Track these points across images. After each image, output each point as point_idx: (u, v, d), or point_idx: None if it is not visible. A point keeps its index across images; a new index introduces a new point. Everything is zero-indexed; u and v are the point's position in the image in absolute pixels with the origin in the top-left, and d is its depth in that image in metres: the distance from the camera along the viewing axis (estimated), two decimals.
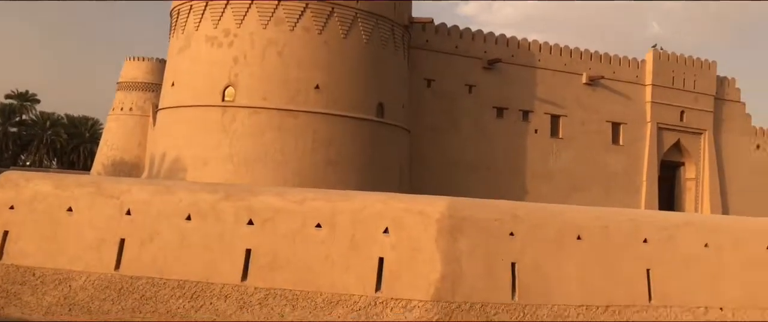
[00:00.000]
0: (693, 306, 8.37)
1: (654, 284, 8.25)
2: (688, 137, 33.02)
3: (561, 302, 7.82)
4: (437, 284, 7.35)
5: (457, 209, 7.64)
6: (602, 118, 30.68)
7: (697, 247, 8.54)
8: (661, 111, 31.84)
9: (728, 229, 8.85)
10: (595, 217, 8.32)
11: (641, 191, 31.11)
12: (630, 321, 8.05)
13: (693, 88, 32.76)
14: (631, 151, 31.24)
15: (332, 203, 7.87)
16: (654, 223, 8.55)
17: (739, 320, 8.50)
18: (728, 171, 34.23)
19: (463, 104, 27.84)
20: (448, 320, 7.30)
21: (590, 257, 8.07)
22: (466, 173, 27.28)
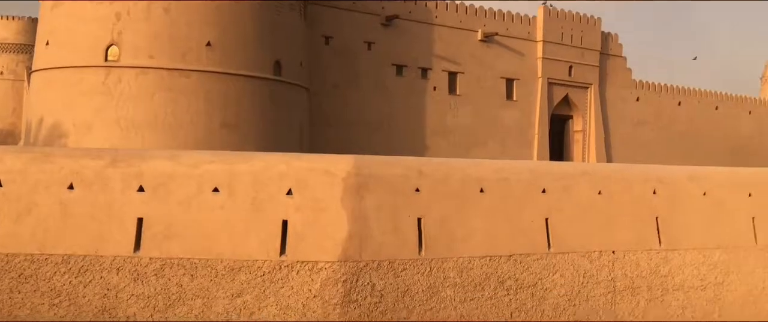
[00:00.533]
0: (588, 251, 8.74)
1: (552, 232, 8.52)
2: (576, 91, 34.63)
3: (466, 255, 7.90)
4: (344, 244, 7.18)
5: (363, 167, 7.46)
6: (497, 75, 31.48)
7: (592, 195, 8.89)
8: (551, 67, 33.09)
9: (619, 177, 9.26)
10: (496, 170, 8.42)
11: (534, 144, 32.46)
12: (530, 269, 8.31)
13: (580, 44, 34.24)
14: (524, 106, 32.37)
15: (230, 166, 7.45)
16: (552, 173, 8.78)
17: (629, 262, 8.99)
18: (612, 122, 36.38)
19: (363, 62, 27.59)
20: (356, 279, 7.18)
21: (493, 209, 8.18)
22: (367, 131, 27.23)
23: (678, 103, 40.84)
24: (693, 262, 9.49)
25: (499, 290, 8.08)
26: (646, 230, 9.24)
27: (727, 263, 9.78)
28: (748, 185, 10.21)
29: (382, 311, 7.30)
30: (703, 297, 9.50)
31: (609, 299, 8.80)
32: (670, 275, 9.28)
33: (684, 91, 41.44)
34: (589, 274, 8.71)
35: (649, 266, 9.15)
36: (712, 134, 42.78)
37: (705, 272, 9.59)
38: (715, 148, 42.06)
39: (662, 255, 9.27)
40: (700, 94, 42.57)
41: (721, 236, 9.82)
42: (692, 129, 41.49)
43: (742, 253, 9.94)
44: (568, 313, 8.52)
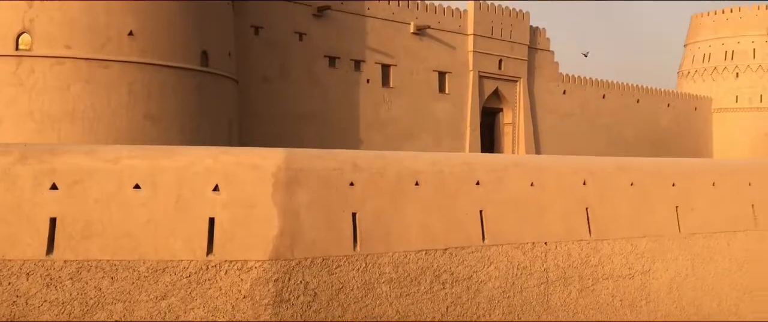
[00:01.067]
0: (522, 242, 8.78)
1: (487, 224, 8.51)
2: (506, 85, 35.26)
3: (402, 249, 7.77)
4: (275, 242, 6.89)
5: (294, 161, 7.17)
6: (429, 68, 31.63)
7: (525, 186, 8.93)
8: (481, 60, 33.54)
9: (551, 168, 9.35)
10: (431, 162, 8.32)
11: (466, 137, 32.86)
12: (466, 262, 8.26)
13: (510, 38, 34.87)
14: (456, 99, 32.70)
15: (153, 161, 7.01)
16: (486, 165, 8.76)
17: (561, 253, 9.10)
18: (540, 115, 37.31)
19: (294, 53, 27.09)
20: (288, 278, 6.90)
21: (428, 202, 8.08)
22: (299, 125, 26.79)
23: (602, 96, 42.32)
24: (621, 251, 9.72)
25: (435, 284, 7.99)
26: (577, 220, 9.38)
27: (653, 252, 10.07)
28: (671, 175, 10.55)
29: (316, 310, 7.07)
30: (632, 285, 9.75)
31: (542, 290, 8.88)
32: (600, 264, 9.46)
33: (608, 84, 42.97)
34: (523, 265, 8.75)
35: (581, 256, 9.30)
36: (634, 126, 44.60)
37: (633, 260, 9.84)
38: (637, 139, 43.89)
39: (592, 245, 9.43)
40: (622, 88, 44.26)
41: (648, 225, 10.10)
42: (616, 121, 43.13)
43: (667, 241, 10.27)
44: (503, 305, 8.53)
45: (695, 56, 53.79)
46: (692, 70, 53.66)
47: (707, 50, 52.70)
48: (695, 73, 53.30)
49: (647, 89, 46.34)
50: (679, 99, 49.46)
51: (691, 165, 11.17)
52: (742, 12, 51.44)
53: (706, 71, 52.57)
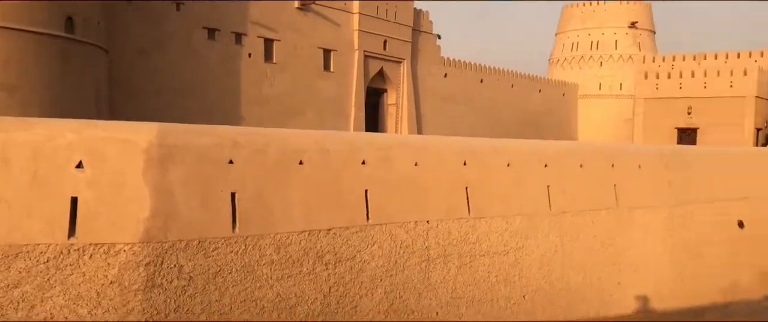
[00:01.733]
0: (405, 221, 8.84)
1: (371, 203, 8.47)
2: (390, 65, 35.58)
3: (284, 230, 7.54)
4: (147, 223, 6.43)
5: (168, 136, 6.70)
6: (314, 45, 31.16)
7: (409, 166, 8.98)
8: (367, 40, 33.55)
9: (434, 148, 9.47)
10: (315, 140, 8.13)
11: (351, 116, 32.85)
12: (350, 242, 8.19)
13: (394, 19, 35.12)
14: (341, 77, 32.53)
15: (6, 134, 6.28)
16: (371, 144, 8.70)
17: (442, 231, 9.27)
18: (423, 97, 38.06)
19: (171, 24, 25.61)
20: (160, 262, 6.47)
21: (312, 181, 7.89)
22: (177, 99, 25.47)
23: (480, 81, 43.90)
24: (498, 229, 10.08)
25: (317, 265, 7.85)
26: (458, 199, 9.59)
27: (526, 229, 10.55)
28: (544, 156, 11.07)
29: (191, 294, 6.70)
30: (506, 262, 10.16)
31: (423, 268, 9.02)
32: (478, 241, 9.76)
33: (485, 69, 44.62)
34: (406, 244, 8.83)
35: (460, 234, 9.54)
36: (509, 109, 46.73)
37: (508, 237, 10.25)
38: (512, 122, 46.05)
39: (471, 223, 9.70)
40: (498, 73, 46.15)
41: (522, 203, 10.55)
42: (492, 105, 44.95)
43: (539, 219, 10.79)
44: (386, 284, 8.57)
45: (564, 45, 57.13)
46: (561, 58, 56.99)
47: (576, 40, 56.15)
48: (564, 61, 56.66)
49: (521, 75, 48.66)
50: (550, 85, 52.40)
51: (561, 147, 11.76)
52: (607, 6, 55.22)
53: (573, 59, 56.02)
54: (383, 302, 8.52)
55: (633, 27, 54.08)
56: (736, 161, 16.75)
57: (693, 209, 14.52)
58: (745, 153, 18.06)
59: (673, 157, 14.40)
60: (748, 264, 16.51)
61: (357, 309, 8.22)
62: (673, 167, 14.16)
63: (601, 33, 54.83)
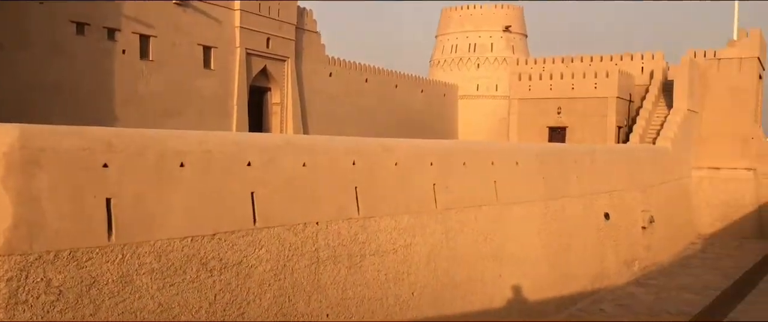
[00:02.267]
0: (294, 224, 8.68)
1: (258, 206, 8.23)
2: (274, 64, 34.95)
3: (165, 237, 7.14)
4: (9, 234, 5.83)
5: (32, 139, 6.12)
6: (194, 41, 29.92)
7: (297, 167, 8.83)
8: (249, 37, 32.74)
9: (323, 148, 9.37)
10: (198, 142, 7.77)
11: (233, 116, 31.88)
12: (236, 247, 7.91)
13: (277, 17, 34.53)
14: (223, 76, 31.50)
15: None
16: (257, 145, 8.46)
17: (331, 232, 9.19)
18: (308, 96, 37.74)
19: (34, 17, 23.58)
20: (25, 276, 5.90)
21: (195, 184, 7.54)
22: (43, 99, 23.47)
23: (365, 80, 44.27)
24: (386, 228, 10.17)
25: (202, 272, 7.51)
26: (347, 199, 9.56)
27: (413, 227, 10.72)
28: (430, 155, 11.31)
29: (61, 310, 6.16)
30: (395, 260, 10.27)
31: (313, 270, 8.90)
32: (367, 241, 9.78)
33: (370, 69, 45.07)
34: (295, 247, 8.67)
35: (349, 234, 9.52)
36: (393, 109, 47.51)
37: (396, 236, 10.37)
38: (396, 122, 46.84)
39: (360, 223, 9.71)
40: (383, 73, 46.80)
41: (409, 202, 10.72)
42: (377, 104, 45.49)
43: (425, 217, 11.01)
44: (274, 288, 8.36)
45: (444, 47, 58.98)
46: (442, 60, 58.79)
47: (455, 42, 58.13)
48: (444, 62, 58.49)
49: (404, 75, 49.63)
50: (431, 86, 53.87)
51: (446, 146, 12.08)
52: (484, 9, 57.64)
53: (453, 61, 57.98)
54: (272, 306, 8.31)
55: (507, 30, 56.83)
56: (602, 156, 18.05)
57: (564, 202, 15.47)
58: (607, 150, 19.49)
59: (546, 154, 15.25)
60: (613, 253, 17.86)
61: (244, 315, 7.96)
62: (547, 163, 15.00)
63: (478, 36, 57.14)
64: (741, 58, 28.52)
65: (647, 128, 27.19)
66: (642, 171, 20.63)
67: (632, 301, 15.99)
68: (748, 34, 28.70)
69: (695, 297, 16.56)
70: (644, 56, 32.52)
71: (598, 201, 17.25)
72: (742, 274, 20.13)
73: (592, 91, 28.81)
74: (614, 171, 18.53)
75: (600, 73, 28.87)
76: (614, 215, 17.92)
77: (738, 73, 28.54)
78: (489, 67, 56.82)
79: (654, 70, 31.41)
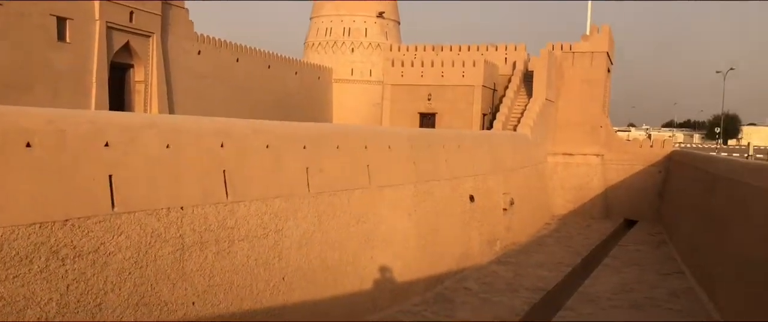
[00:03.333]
0: (156, 208, 8.22)
1: (117, 190, 7.70)
2: (138, 39, 32.90)
3: (8, 223, 6.48)
4: None
5: None
6: (45, 11, 27.40)
7: (160, 148, 8.35)
8: (110, 9, 30.54)
9: (188, 129, 8.94)
10: (48, 120, 7.10)
11: (92, 93, 29.65)
12: (91, 233, 7.35)
13: None
14: (80, 49, 29.15)
15: None
16: (116, 125, 7.89)
17: (198, 217, 8.82)
18: (174, 74, 35.94)
19: None
20: None
21: (44, 166, 6.89)
22: None
23: (236, 60, 42.93)
24: (257, 212, 9.92)
25: (52, 261, 6.90)
26: (214, 183, 9.20)
27: (285, 211, 10.56)
28: (303, 138, 11.17)
29: None
30: (266, 244, 10.06)
31: (178, 257, 8.50)
32: (236, 226, 9.49)
33: (241, 48, 43.74)
34: (157, 232, 8.22)
35: (217, 219, 9.18)
36: (266, 91, 46.56)
37: (267, 220, 10.15)
38: (268, 104, 45.95)
39: (229, 207, 9.40)
40: (254, 53, 45.61)
41: (281, 185, 10.53)
42: (249, 85, 44.32)
43: (297, 200, 10.88)
44: (135, 277, 7.89)
45: (319, 29, 58.61)
46: (316, 43, 58.41)
47: (329, 25, 57.93)
48: (318, 45, 58.15)
49: (277, 56, 48.74)
50: (305, 68, 53.39)
51: (319, 129, 11.99)
52: None
53: (327, 44, 57.80)
54: (133, 296, 7.84)
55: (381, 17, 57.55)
56: (468, 142, 18.83)
57: (433, 186, 15.98)
58: (473, 136, 20.36)
59: (417, 138, 15.63)
60: (477, 233, 18.75)
61: (102, 307, 7.44)
62: (418, 147, 15.39)
63: (353, 20, 57.35)
64: (592, 52, 30.89)
65: (509, 116, 28.74)
66: (504, 156, 21.79)
67: (494, 278, 16.90)
68: (599, 31, 31.11)
69: (549, 274, 17.82)
70: (508, 48, 34.26)
71: (465, 184, 18.00)
72: (590, 251, 21.97)
73: (460, 80, 29.93)
74: (479, 156, 19.41)
75: (467, 62, 30.04)
76: (478, 198, 18.80)
77: (590, 66, 30.90)
78: (363, 52, 57.27)
79: (516, 61, 33.20)
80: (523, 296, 15.17)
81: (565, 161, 30.73)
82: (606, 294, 15.64)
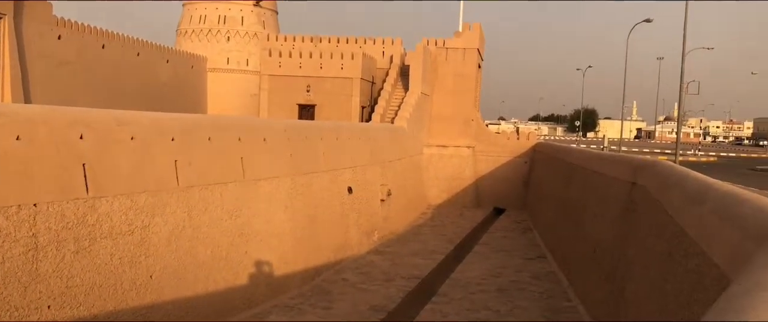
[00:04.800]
0: (5, 206, 7.56)
1: None
2: None
3: None
4: None
5: None
6: None
7: (10, 141, 7.68)
8: None
9: (42, 120, 8.29)
10: None
11: None
12: None
13: None
14: None
15: None
16: None
17: (53, 214, 8.22)
18: (30, 60, 33.10)
19: None
20: None
21: None
22: None
23: (102, 46, 40.30)
24: (121, 208, 9.40)
25: None
26: (73, 177, 8.61)
27: (152, 206, 10.09)
28: (171, 130, 10.71)
29: None
30: (131, 242, 9.57)
31: (30, 258, 7.87)
32: (98, 223, 8.95)
33: (108, 34, 41.07)
34: (6, 232, 7.57)
35: (76, 216, 8.60)
36: (135, 80, 44.09)
37: (133, 216, 9.65)
38: (138, 93, 43.56)
39: (90, 203, 8.83)
40: (122, 40, 43.01)
41: (148, 179, 10.04)
42: (117, 74, 41.74)
43: (166, 195, 10.44)
44: None
45: (192, 17, 56.35)
46: (189, 30, 56.12)
47: (204, 12, 55.85)
48: (192, 33, 55.92)
49: (147, 43, 46.30)
50: (178, 56, 51.17)
51: (189, 121, 11.56)
52: None
53: (202, 32, 55.73)
54: None
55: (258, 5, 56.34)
56: (346, 134, 18.97)
57: (311, 178, 15.95)
58: (351, 128, 20.55)
59: (294, 130, 15.51)
60: (355, 224, 18.97)
61: None
62: (295, 139, 15.28)
63: (229, 8, 55.67)
64: (465, 49, 32.15)
65: (387, 109, 29.28)
66: (381, 148, 22.19)
67: (371, 268, 17.20)
68: (470, 28, 32.42)
69: (424, 262, 18.42)
70: (385, 42, 34.86)
71: (343, 176, 18.13)
72: (462, 239, 22.96)
73: (339, 72, 30.04)
74: (357, 148, 19.63)
75: (346, 54, 30.21)
76: (357, 189, 19.02)
77: (462, 61, 32.15)
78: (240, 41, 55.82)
79: (393, 55, 33.85)
80: (398, 285, 15.57)
81: (440, 153, 31.81)
82: (476, 279, 16.42)
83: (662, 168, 9.92)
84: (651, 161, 11.48)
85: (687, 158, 53.89)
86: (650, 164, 10.99)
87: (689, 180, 7.56)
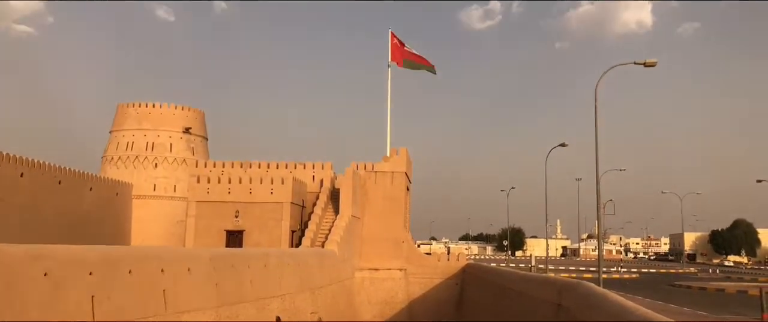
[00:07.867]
0: None
1: None
2: None
3: None
4: None
5: None
6: None
7: None
8: None
9: None
10: None
11: None
12: None
13: None
14: None
15: None
16: None
17: None
18: None
19: None
20: None
21: None
22: None
23: (20, 175, 38.90)
24: None
25: None
26: None
27: None
28: (89, 263, 10.25)
29: None
30: None
31: None
32: None
33: (27, 162, 39.86)
34: None
35: None
36: (55, 209, 42.37)
37: None
38: (57, 223, 41.71)
39: None
40: (42, 167, 41.76)
41: (59, 317, 9.43)
42: (35, 203, 40.06)
43: None
44: None
45: (119, 143, 55.75)
46: (116, 157, 55.29)
47: (131, 139, 55.43)
48: (118, 159, 55.06)
49: (70, 171, 45.09)
50: (102, 183, 49.90)
51: (109, 253, 11.14)
52: (163, 109, 56.60)
53: (129, 159, 54.97)
54: None
55: (187, 132, 56.54)
56: (274, 260, 18.62)
57: (237, 309, 15.37)
58: (279, 254, 20.24)
59: (220, 259, 15.13)
60: None
61: None
62: (221, 268, 14.86)
63: (157, 135, 55.56)
64: (393, 172, 32.99)
65: (318, 232, 29.15)
66: (312, 274, 21.82)
67: None
68: (398, 152, 33.50)
69: None
70: (315, 166, 35.37)
71: (271, 305, 17.58)
72: None
73: (269, 196, 29.99)
74: (286, 274, 19.24)
75: (276, 179, 30.34)
76: (286, 318, 18.40)
77: (390, 184, 32.85)
78: (168, 167, 55.26)
79: (324, 179, 34.26)
80: None
81: (371, 276, 31.54)
82: None
83: (584, 289, 10.23)
84: (574, 282, 11.82)
85: (611, 276, 55.48)
86: (573, 285, 11.31)
87: (607, 302, 7.83)
